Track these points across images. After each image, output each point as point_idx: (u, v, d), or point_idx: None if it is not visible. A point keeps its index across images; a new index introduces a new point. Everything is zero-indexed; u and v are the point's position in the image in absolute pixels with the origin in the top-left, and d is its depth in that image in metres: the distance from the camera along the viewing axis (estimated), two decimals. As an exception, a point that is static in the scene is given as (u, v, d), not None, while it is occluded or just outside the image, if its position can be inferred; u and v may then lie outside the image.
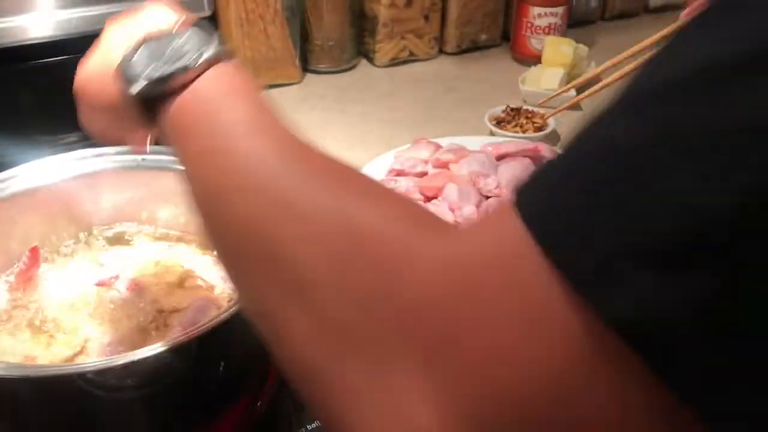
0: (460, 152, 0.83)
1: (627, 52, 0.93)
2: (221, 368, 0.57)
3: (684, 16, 0.67)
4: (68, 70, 0.48)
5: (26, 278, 0.62)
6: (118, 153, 0.67)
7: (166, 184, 0.68)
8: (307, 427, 0.60)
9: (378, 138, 0.96)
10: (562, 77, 1.04)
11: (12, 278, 0.62)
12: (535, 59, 1.12)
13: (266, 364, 0.63)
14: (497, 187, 0.77)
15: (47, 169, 0.65)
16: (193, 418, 0.57)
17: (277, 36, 1.04)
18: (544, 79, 1.04)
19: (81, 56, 0.47)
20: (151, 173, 0.68)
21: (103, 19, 0.47)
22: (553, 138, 0.96)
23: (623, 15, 1.36)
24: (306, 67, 1.12)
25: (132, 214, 0.70)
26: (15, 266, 0.63)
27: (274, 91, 1.07)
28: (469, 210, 0.75)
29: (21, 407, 0.53)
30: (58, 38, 0.88)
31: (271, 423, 0.61)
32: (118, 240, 0.69)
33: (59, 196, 0.66)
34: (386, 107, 1.04)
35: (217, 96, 0.39)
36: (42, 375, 0.50)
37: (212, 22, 1.03)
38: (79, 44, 0.52)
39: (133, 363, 0.51)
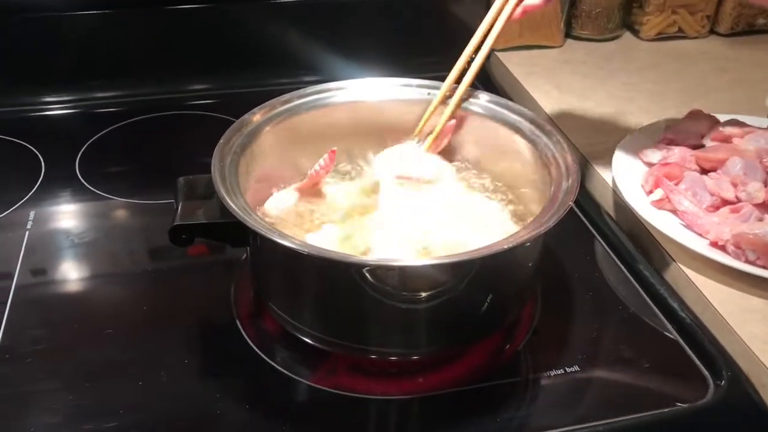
0: (745, 128, 0.77)
1: None
2: (490, 296, 0.58)
3: None
4: None
5: (316, 181, 0.66)
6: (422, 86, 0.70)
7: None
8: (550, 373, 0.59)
9: (641, 108, 0.92)
10: None
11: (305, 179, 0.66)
12: (823, 49, 1.02)
13: (521, 308, 0.63)
14: (788, 167, 0.71)
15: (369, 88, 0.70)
16: (450, 335, 0.59)
17: (547, -3, 1.02)
18: (839, 67, 0.94)
19: None
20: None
21: None
22: None
23: None
24: (568, 33, 1.10)
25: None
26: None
27: (534, 52, 1.06)
28: (754, 186, 0.70)
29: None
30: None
31: (513, 364, 0.61)
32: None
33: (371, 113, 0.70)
34: (651, 80, 1.00)
35: None
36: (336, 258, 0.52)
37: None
38: None
39: (408, 267, 0.53)
